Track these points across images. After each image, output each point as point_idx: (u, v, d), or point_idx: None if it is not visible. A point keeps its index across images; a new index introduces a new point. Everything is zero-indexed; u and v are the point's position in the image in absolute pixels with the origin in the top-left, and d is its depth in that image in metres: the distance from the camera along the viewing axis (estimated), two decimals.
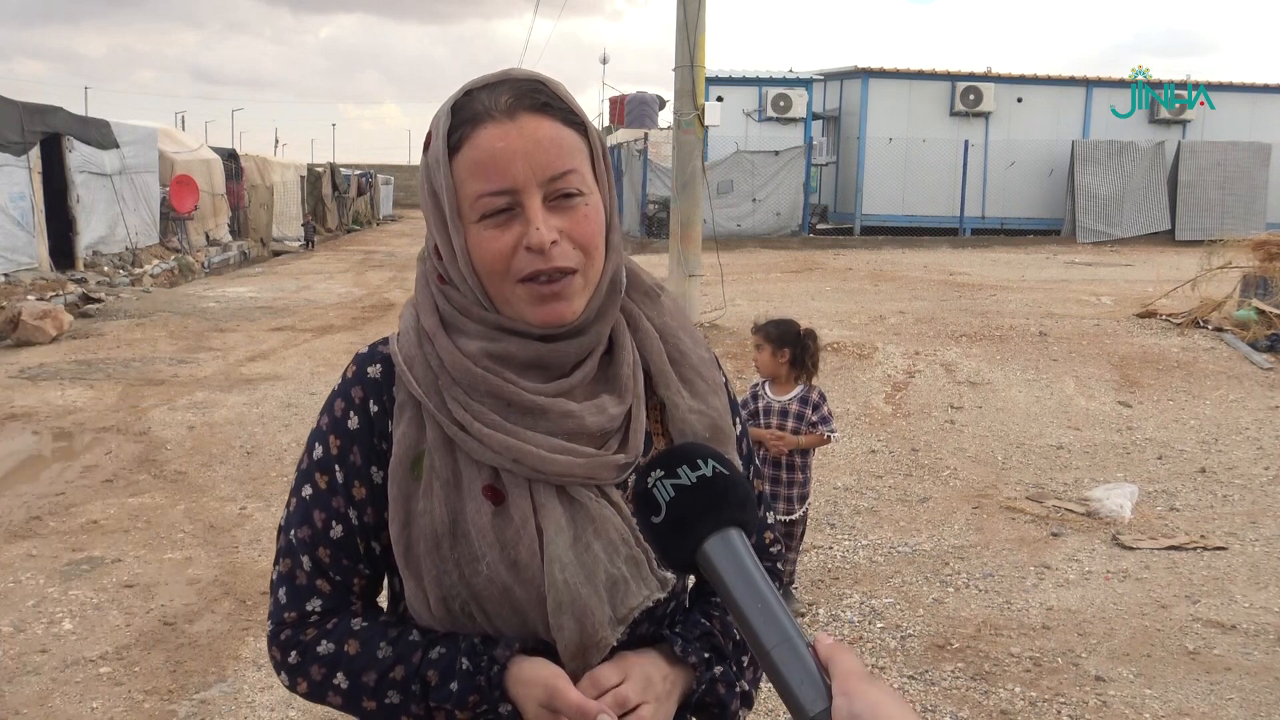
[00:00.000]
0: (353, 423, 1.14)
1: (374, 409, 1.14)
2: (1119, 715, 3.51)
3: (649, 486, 0.91)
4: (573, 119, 1.09)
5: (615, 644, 1.10)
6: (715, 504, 0.88)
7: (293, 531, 1.16)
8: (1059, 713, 3.52)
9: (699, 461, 0.91)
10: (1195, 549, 5.03)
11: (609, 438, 1.13)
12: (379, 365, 1.16)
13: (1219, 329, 9.71)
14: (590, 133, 1.11)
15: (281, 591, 1.17)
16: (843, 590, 4.55)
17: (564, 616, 1.06)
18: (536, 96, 1.07)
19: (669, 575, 1.11)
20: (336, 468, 1.14)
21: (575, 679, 1.07)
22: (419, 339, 1.13)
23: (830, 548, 5.05)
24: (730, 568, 0.86)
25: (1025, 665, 3.86)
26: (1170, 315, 10.38)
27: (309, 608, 1.15)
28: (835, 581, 4.65)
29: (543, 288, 1.06)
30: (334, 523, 1.14)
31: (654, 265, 15.74)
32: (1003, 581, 4.65)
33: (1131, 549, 5.03)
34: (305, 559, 1.15)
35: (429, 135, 1.11)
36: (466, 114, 1.07)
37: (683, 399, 1.18)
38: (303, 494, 1.16)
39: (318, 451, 1.15)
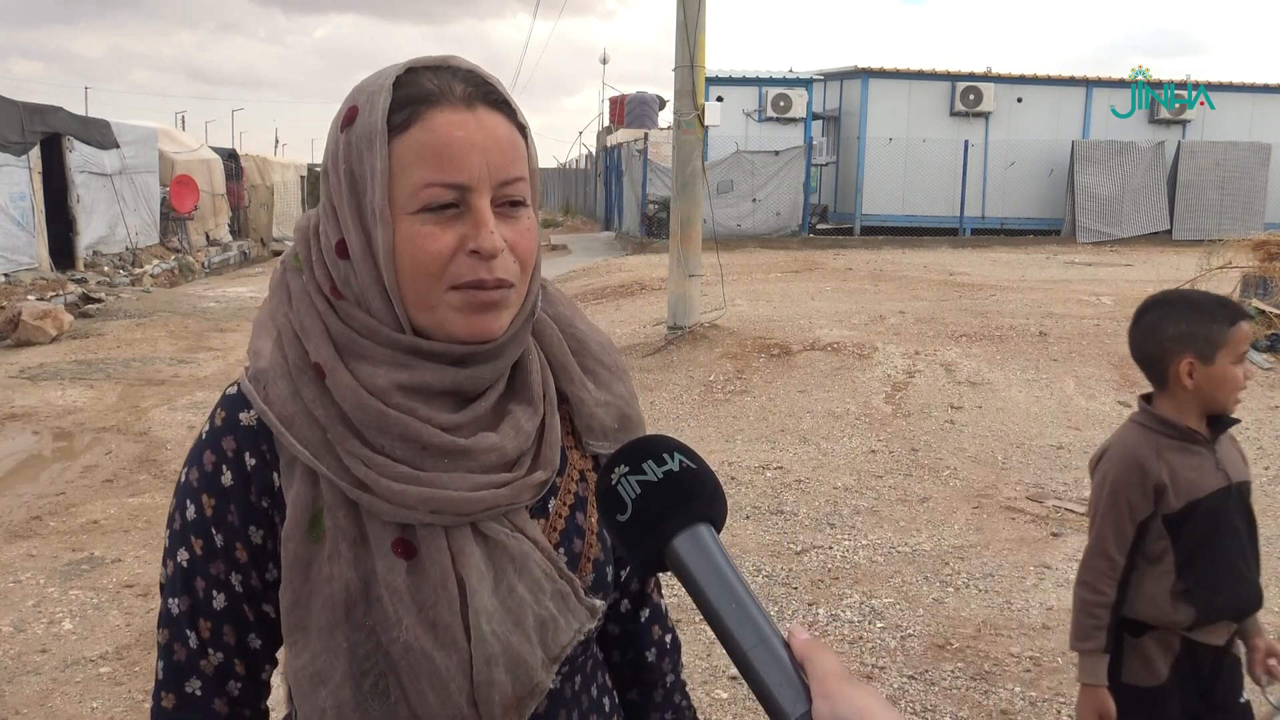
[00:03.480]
0: (226, 479, 1.00)
1: (251, 462, 0.99)
2: None
3: (613, 484, 0.86)
4: (519, 125, 1.00)
5: (551, 686, 1.02)
6: (683, 500, 0.84)
7: (172, 600, 1.03)
8: (1059, 713, 3.52)
9: (665, 455, 0.87)
10: None
11: (523, 456, 1.03)
12: (254, 411, 1.00)
13: None
14: (530, 144, 1.02)
15: (160, 666, 1.04)
16: (843, 590, 4.54)
17: (496, 670, 0.97)
18: (492, 93, 0.98)
19: (597, 602, 1.04)
20: (213, 530, 1.00)
21: None
22: (294, 385, 0.98)
23: (830, 548, 5.05)
24: (701, 566, 0.82)
25: (1025, 665, 3.86)
26: None
27: (188, 689, 1.02)
28: (835, 581, 4.65)
29: (480, 294, 0.96)
30: (215, 591, 1.01)
31: (654, 265, 15.74)
32: (1003, 581, 4.65)
33: None
34: (188, 633, 1.02)
35: (352, 110, 0.97)
36: (416, 91, 0.95)
37: (588, 392, 1.09)
38: (179, 559, 1.02)
39: (190, 511, 1.01)
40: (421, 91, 0.95)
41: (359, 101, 0.97)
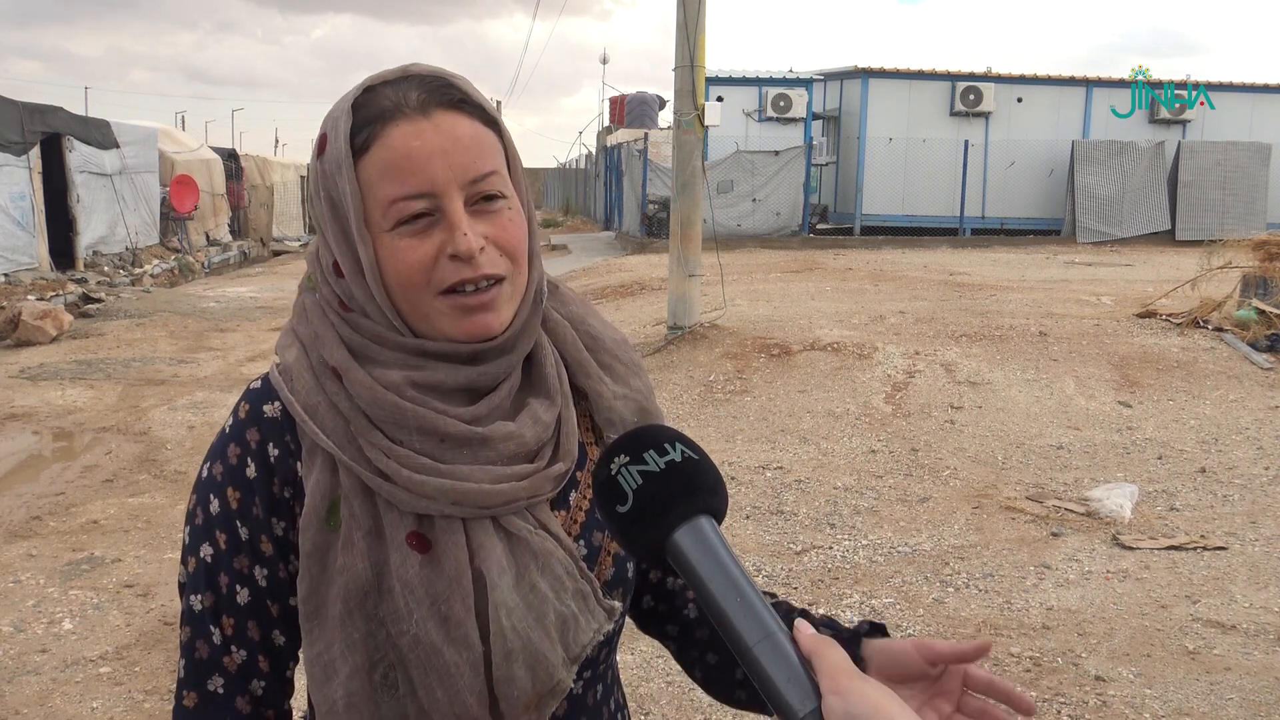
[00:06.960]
0: (250, 470, 1.00)
1: (274, 453, 1.00)
2: (1119, 715, 3.51)
3: (613, 474, 0.84)
4: (487, 118, 1.00)
5: (574, 690, 1.02)
6: (685, 491, 0.82)
7: (194, 597, 1.01)
8: (1059, 713, 3.52)
9: (666, 446, 0.85)
10: (1195, 549, 5.03)
11: (543, 448, 1.03)
12: (277, 402, 1.01)
13: (1219, 329, 9.70)
14: (504, 134, 1.02)
15: (182, 664, 1.02)
16: (843, 590, 4.54)
17: (515, 666, 0.96)
18: (449, 93, 0.98)
19: (615, 604, 1.04)
20: (238, 523, 1.00)
21: None
22: (317, 380, 1.00)
23: (830, 548, 5.05)
24: (703, 559, 0.80)
25: (1025, 665, 3.86)
26: (1170, 315, 10.37)
27: (210, 687, 1.01)
28: (835, 581, 4.65)
29: (468, 299, 0.97)
30: (239, 586, 1.00)
31: (654, 265, 15.74)
32: (1003, 581, 4.65)
33: (1131, 549, 5.03)
34: (211, 629, 1.01)
35: (322, 138, 0.99)
36: (373, 111, 0.96)
37: (606, 385, 1.10)
38: (202, 554, 1.01)
39: (214, 506, 1.01)
40: (377, 110, 0.96)
41: (327, 128, 0.99)
